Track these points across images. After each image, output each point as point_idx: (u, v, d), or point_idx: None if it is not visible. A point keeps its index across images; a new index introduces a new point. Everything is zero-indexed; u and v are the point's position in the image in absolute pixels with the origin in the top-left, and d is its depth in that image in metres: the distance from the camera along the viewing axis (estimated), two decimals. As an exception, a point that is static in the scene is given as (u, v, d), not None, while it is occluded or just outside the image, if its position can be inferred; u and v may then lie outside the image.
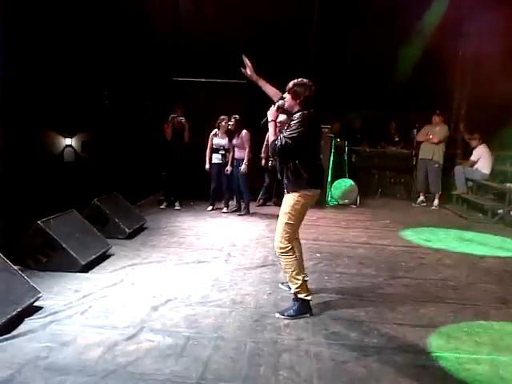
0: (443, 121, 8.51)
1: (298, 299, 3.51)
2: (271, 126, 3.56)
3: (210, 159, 7.30)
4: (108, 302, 3.60)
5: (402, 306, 3.78)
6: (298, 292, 3.50)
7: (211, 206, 7.49)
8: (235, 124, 7.15)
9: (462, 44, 9.11)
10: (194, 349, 2.92)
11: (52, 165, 5.69)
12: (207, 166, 7.31)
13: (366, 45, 8.90)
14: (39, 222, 4.18)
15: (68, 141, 6.00)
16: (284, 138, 3.35)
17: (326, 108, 3.57)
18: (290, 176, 3.45)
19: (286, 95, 3.52)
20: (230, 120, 7.19)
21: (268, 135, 8.22)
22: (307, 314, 3.49)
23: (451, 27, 8.74)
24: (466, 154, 8.84)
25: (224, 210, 7.42)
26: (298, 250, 3.73)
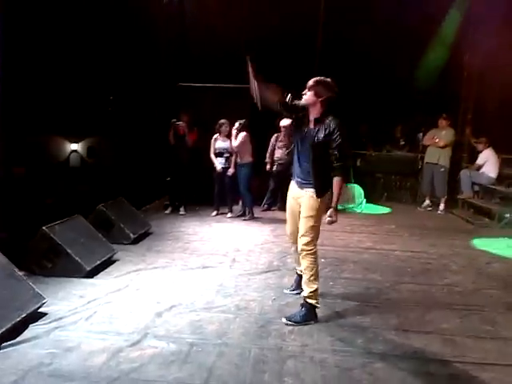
0: (449, 124, 8.47)
1: (307, 304, 3.48)
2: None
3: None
4: (112, 308, 3.60)
5: (407, 312, 3.76)
6: (309, 297, 3.47)
7: (216, 211, 7.49)
8: (236, 128, 7.15)
9: (468, 48, 9.06)
10: (198, 355, 2.91)
11: (58, 170, 5.72)
12: (219, 166, 7.26)
13: (373, 48, 8.90)
14: (44, 227, 4.19)
15: (74, 146, 6.04)
16: (342, 149, 3.29)
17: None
18: (318, 179, 3.38)
19: (307, 92, 3.38)
20: (235, 124, 7.19)
21: (272, 140, 8.25)
22: (312, 321, 3.47)
23: (458, 33, 8.74)
24: (472, 157, 8.78)
25: (228, 214, 7.41)
26: None
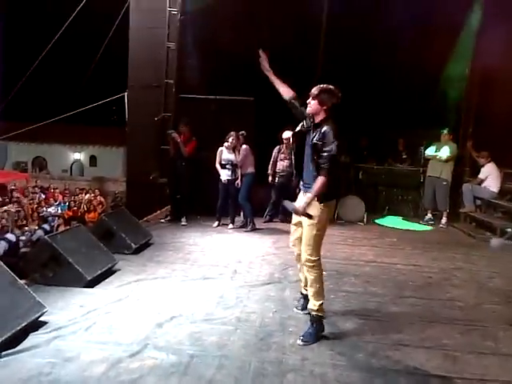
0: (451, 139, 8.50)
1: (317, 317, 3.41)
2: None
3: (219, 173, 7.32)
4: (113, 318, 3.59)
5: (408, 327, 3.74)
6: (319, 310, 3.42)
7: (217, 222, 7.50)
8: (238, 140, 7.21)
9: (469, 62, 9.12)
10: (197, 367, 2.90)
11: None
12: (224, 177, 7.25)
13: (373, 61, 8.96)
14: (46, 236, 4.20)
15: (77, 155, 6.06)
16: (330, 151, 3.27)
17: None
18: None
19: (311, 101, 3.41)
20: (238, 136, 7.26)
21: (275, 152, 8.30)
22: (323, 332, 3.42)
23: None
24: (474, 171, 8.79)
25: (230, 226, 7.42)
26: None
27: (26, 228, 9.92)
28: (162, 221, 7.68)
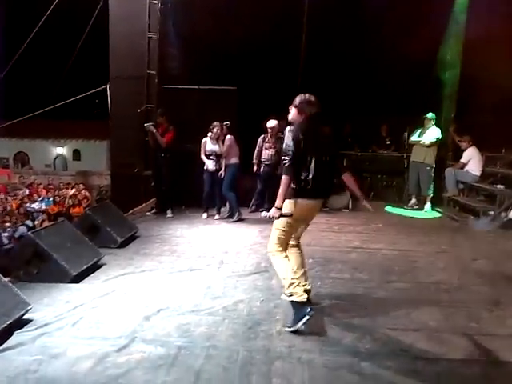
0: (435, 123, 8.55)
1: (294, 304, 3.40)
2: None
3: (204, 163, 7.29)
4: (99, 313, 3.58)
5: (394, 311, 3.79)
6: (290, 294, 3.40)
7: (206, 213, 7.46)
8: (222, 130, 7.20)
9: (453, 48, 9.16)
10: (186, 358, 2.90)
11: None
12: (210, 167, 7.21)
13: (356, 48, 8.94)
14: (29, 232, 4.15)
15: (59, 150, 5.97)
16: (286, 151, 3.42)
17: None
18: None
19: (292, 108, 3.64)
20: (222, 127, 7.23)
21: (259, 141, 8.30)
22: (306, 315, 3.27)
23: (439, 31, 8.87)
24: (457, 156, 8.87)
25: (216, 216, 7.40)
26: (299, 257, 3.78)
27: (8, 224, 9.77)
28: (148, 213, 7.66)
